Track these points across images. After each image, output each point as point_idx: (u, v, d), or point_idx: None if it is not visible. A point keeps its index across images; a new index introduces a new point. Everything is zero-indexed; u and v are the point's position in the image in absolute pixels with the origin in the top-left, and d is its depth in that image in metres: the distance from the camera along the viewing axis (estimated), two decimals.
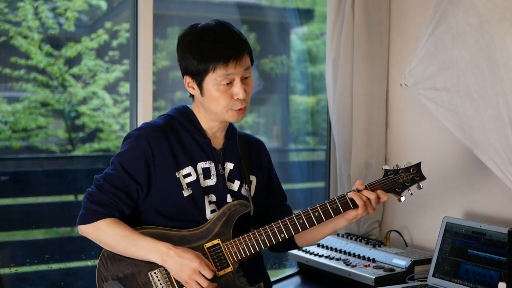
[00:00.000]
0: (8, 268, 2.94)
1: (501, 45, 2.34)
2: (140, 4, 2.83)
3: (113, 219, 2.03)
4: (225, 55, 2.01)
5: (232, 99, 2.05)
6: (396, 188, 2.16)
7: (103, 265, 2.05)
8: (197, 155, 2.10)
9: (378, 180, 2.16)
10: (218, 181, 2.12)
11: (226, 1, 3.59)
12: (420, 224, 2.97)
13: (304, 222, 2.08)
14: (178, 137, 2.09)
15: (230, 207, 2.09)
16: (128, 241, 2.00)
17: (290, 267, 3.27)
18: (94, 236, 2.04)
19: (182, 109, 2.17)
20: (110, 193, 2.03)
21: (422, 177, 2.20)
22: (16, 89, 3.07)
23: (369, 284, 2.53)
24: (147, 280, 2.03)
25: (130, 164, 2.04)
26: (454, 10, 2.52)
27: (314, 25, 3.80)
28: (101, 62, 3.25)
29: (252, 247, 2.07)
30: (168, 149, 2.06)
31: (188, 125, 2.12)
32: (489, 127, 2.41)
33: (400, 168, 2.18)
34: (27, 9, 3.04)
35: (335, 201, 2.10)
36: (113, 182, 2.03)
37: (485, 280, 2.33)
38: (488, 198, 2.67)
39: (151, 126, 2.09)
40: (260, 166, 2.27)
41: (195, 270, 1.98)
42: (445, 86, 2.59)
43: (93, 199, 2.04)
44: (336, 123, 3.11)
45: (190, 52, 2.04)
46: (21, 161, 3.13)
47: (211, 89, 2.04)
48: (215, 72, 2.01)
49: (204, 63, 2.02)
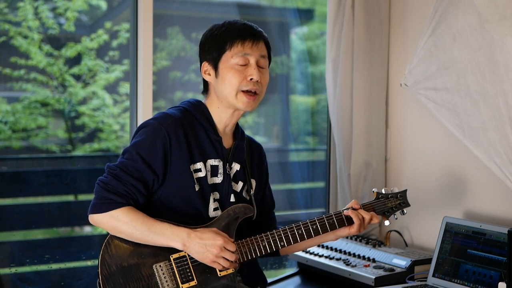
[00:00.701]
0: (8, 268, 2.94)
1: (501, 45, 2.34)
2: (140, 4, 2.83)
3: (130, 207, 2.00)
4: (242, 34, 2.08)
5: (245, 80, 2.07)
6: (385, 211, 2.28)
7: (107, 252, 2.02)
8: (209, 151, 2.11)
9: (370, 202, 2.27)
10: (224, 179, 2.14)
11: (226, 1, 3.59)
12: (420, 224, 2.97)
13: (303, 233, 2.13)
14: (194, 131, 2.10)
15: (235, 210, 2.10)
16: (146, 227, 1.98)
17: (290, 267, 3.27)
18: (109, 224, 2.00)
19: (196, 103, 2.17)
20: (128, 182, 2.00)
21: (407, 203, 2.32)
22: (16, 89, 3.06)
23: (369, 284, 2.53)
24: (151, 272, 2.02)
25: (148, 153, 2.02)
26: (454, 10, 2.52)
27: (314, 25, 3.80)
28: (101, 62, 3.25)
29: (253, 252, 2.09)
30: (185, 141, 2.06)
31: (203, 120, 2.12)
32: (489, 127, 2.41)
33: (389, 193, 2.30)
34: (27, 9, 3.04)
35: (332, 217, 2.18)
36: (130, 171, 2.01)
37: (485, 280, 2.33)
38: (488, 198, 2.66)
39: (170, 117, 2.08)
40: (260, 171, 2.30)
41: (221, 247, 1.99)
42: (445, 86, 2.59)
43: (109, 188, 2.00)
44: (336, 123, 3.11)
45: (211, 38, 2.11)
46: (21, 161, 3.13)
47: (226, 68, 2.08)
48: (231, 49, 2.07)
49: (222, 42, 2.08)
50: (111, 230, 2.02)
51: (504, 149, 2.37)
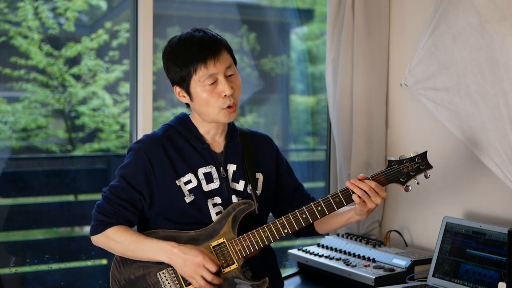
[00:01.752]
0: (8, 268, 2.94)
1: (501, 45, 2.34)
2: (140, 4, 2.83)
3: (120, 227, 2.12)
4: (202, 55, 2.07)
5: (220, 98, 2.09)
6: (400, 178, 2.14)
7: (116, 269, 2.14)
8: (196, 161, 2.16)
9: (382, 171, 2.15)
10: (221, 183, 2.17)
11: (226, 1, 3.59)
12: (420, 224, 2.97)
13: (307, 217, 2.12)
14: (176, 146, 2.16)
15: (234, 207, 2.14)
16: (135, 245, 2.08)
17: (290, 267, 3.27)
18: (104, 245, 2.14)
19: (181, 117, 2.24)
20: (116, 203, 2.11)
21: (428, 165, 2.16)
22: (16, 89, 3.07)
23: (369, 284, 2.53)
24: (156, 280, 2.11)
25: (131, 176, 2.13)
26: (454, 10, 2.52)
27: (314, 25, 3.80)
28: (101, 62, 3.25)
29: (256, 244, 2.12)
30: (166, 158, 2.13)
31: (186, 133, 2.18)
32: (489, 127, 2.41)
33: (404, 158, 2.16)
34: (27, 9, 3.04)
35: (338, 195, 2.12)
36: (117, 193, 2.12)
37: (485, 280, 2.33)
38: (488, 198, 2.66)
39: (150, 138, 2.17)
40: (266, 163, 2.30)
41: (199, 264, 2.05)
42: (445, 86, 2.59)
43: (100, 210, 2.13)
44: (336, 123, 3.11)
45: (172, 61, 2.12)
46: (21, 161, 3.14)
47: (198, 92, 2.10)
48: (197, 73, 2.08)
49: (185, 68, 2.09)
50: (109, 250, 2.15)
51: (504, 149, 2.37)
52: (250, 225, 2.18)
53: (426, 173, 2.17)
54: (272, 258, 2.30)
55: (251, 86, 3.59)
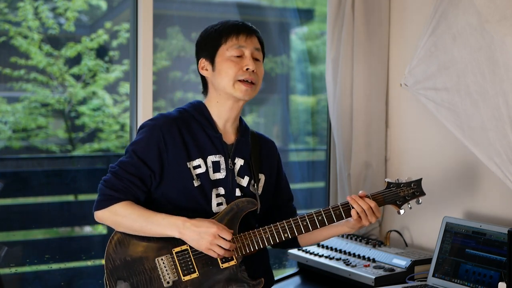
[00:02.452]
0: (8, 268, 2.94)
1: (501, 45, 2.34)
2: (140, 4, 2.83)
3: (128, 202, 2.09)
4: (236, 28, 2.18)
5: (241, 70, 2.15)
6: (397, 200, 2.24)
7: (112, 248, 2.10)
8: (208, 148, 2.17)
9: (381, 191, 2.24)
10: (227, 174, 2.18)
11: (226, 1, 3.59)
12: (420, 224, 2.97)
13: (308, 225, 2.15)
14: (191, 130, 2.17)
15: (238, 204, 2.15)
16: (144, 219, 2.06)
17: (290, 267, 3.27)
18: (110, 220, 2.10)
19: (197, 104, 2.25)
20: (125, 179, 2.09)
21: (422, 192, 2.28)
22: (16, 89, 3.06)
23: (369, 284, 2.53)
24: (154, 265, 2.09)
25: (143, 151, 2.11)
26: (454, 10, 2.52)
27: (314, 25, 3.80)
28: (101, 62, 3.25)
29: (256, 244, 2.13)
30: (180, 140, 2.14)
31: (201, 119, 2.19)
32: (489, 127, 2.41)
33: (402, 182, 2.26)
34: (27, 9, 3.04)
35: (339, 208, 2.18)
36: (127, 168, 2.10)
37: (485, 280, 2.33)
38: (488, 198, 2.66)
39: (165, 117, 2.17)
40: (269, 166, 2.33)
41: (214, 235, 2.04)
42: (445, 86, 2.59)
43: (108, 185, 2.10)
44: (336, 123, 3.11)
45: (206, 34, 2.23)
46: (21, 161, 3.13)
47: (222, 60, 2.16)
48: (227, 43, 2.16)
49: (217, 37, 2.18)
50: (113, 225, 2.11)
51: (504, 149, 2.37)
52: (250, 224, 2.19)
53: (418, 199, 2.28)
54: (266, 257, 2.30)
55: None
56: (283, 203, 2.39)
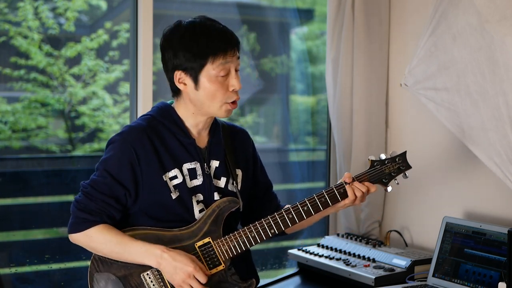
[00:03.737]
0: (8, 268, 2.94)
1: (501, 45, 2.34)
2: (140, 4, 2.83)
3: (104, 226, 2.02)
4: (223, 46, 2.02)
5: (228, 92, 2.05)
6: (382, 178, 2.17)
7: (94, 268, 2.06)
8: (182, 156, 2.09)
9: (365, 172, 2.18)
10: (204, 180, 2.11)
11: (226, 1, 3.59)
12: (420, 224, 2.97)
13: (294, 217, 2.09)
14: (162, 139, 2.07)
15: (219, 205, 2.08)
16: (121, 247, 2.00)
17: (290, 267, 3.27)
18: (86, 244, 2.05)
19: (163, 107, 2.14)
20: (99, 200, 2.01)
21: (407, 166, 2.20)
22: (16, 89, 3.06)
23: (369, 284, 2.53)
24: (140, 281, 2.03)
25: (116, 169, 2.02)
26: (454, 10, 2.52)
27: (314, 25, 3.80)
28: (101, 62, 3.25)
29: (243, 244, 2.07)
30: (153, 151, 2.05)
31: (171, 125, 2.09)
32: (489, 127, 2.41)
33: (386, 158, 2.19)
34: (27, 9, 3.04)
35: (323, 195, 2.11)
36: (100, 188, 2.02)
37: (485, 280, 2.33)
38: (488, 198, 2.66)
39: (134, 129, 2.06)
40: (245, 158, 2.26)
41: (189, 274, 1.98)
42: (445, 86, 2.58)
43: (82, 207, 2.02)
44: (336, 123, 3.11)
45: (185, 47, 2.03)
46: (21, 161, 3.13)
47: (208, 81, 2.02)
48: (214, 62, 2.01)
49: (202, 56, 2.01)
50: (89, 249, 2.06)
51: (504, 149, 2.37)
52: (231, 224, 2.14)
53: (405, 174, 2.20)
54: (249, 256, 2.25)
55: (251, 86, 3.59)
56: (263, 192, 2.31)
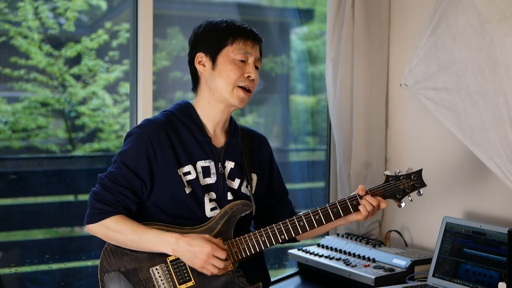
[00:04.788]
0: (8, 268, 2.94)
1: (501, 45, 2.34)
2: (140, 4, 2.83)
3: (120, 216, 2.05)
4: (244, 32, 2.12)
5: (242, 76, 2.11)
6: (396, 194, 2.20)
7: (105, 259, 2.08)
8: (197, 153, 2.12)
9: (379, 186, 2.19)
10: (218, 179, 2.14)
11: (226, 1, 3.59)
12: (420, 224, 2.97)
13: (305, 225, 2.12)
14: (179, 135, 2.12)
15: (232, 207, 2.11)
16: (136, 235, 2.02)
17: (290, 267, 3.27)
18: (103, 234, 2.07)
19: (184, 105, 2.20)
20: (116, 191, 2.05)
21: (422, 184, 2.23)
22: (16, 89, 3.07)
23: (369, 284, 2.53)
24: (148, 275, 2.05)
25: (133, 162, 2.06)
26: (454, 10, 2.52)
27: (314, 25, 3.80)
28: (101, 62, 3.25)
29: (252, 248, 2.09)
30: (169, 146, 2.09)
31: (189, 122, 2.14)
32: (489, 127, 2.41)
33: (401, 174, 2.21)
34: (27, 9, 3.04)
35: (336, 205, 2.14)
36: (117, 180, 2.06)
37: (485, 280, 2.33)
38: (488, 198, 2.66)
39: (152, 123, 2.11)
40: (261, 163, 2.29)
41: (208, 254, 2.00)
42: (445, 86, 2.59)
43: (99, 198, 2.06)
44: (336, 123, 3.11)
45: (211, 31, 2.13)
46: (21, 161, 3.13)
47: (226, 61, 2.10)
48: (233, 45, 2.10)
49: (224, 36, 2.11)
50: (105, 239, 2.08)
51: (504, 149, 2.37)
52: (244, 226, 2.16)
53: (419, 191, 2.23)
54: (262, 260, 2.27)
55: None
56: (278, 199, 2.35)
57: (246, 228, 2.16)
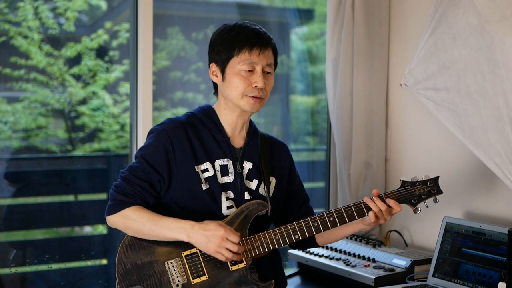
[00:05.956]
0: (8, 268, 2.94)
1: (501, 45, 2.34)
2: (140, 4, 2.83)
3: (138, 206, 2.11)
4: (250, 41, 2.13)
5: (250, 86, 2.13)
6: (412, 199, 2.21)
7: (123, 252, 2.13)
8: (216, 152, 2.18)
9: (395, 190, 2.21)
10: (235, 178, 2.19)
11: (226, 1, 3.59)
12: (420, 224, 2.97)
13: (319, 226, 2.15)
14: (198, 134, 2.18)
15: (248, 206, 2.15)
16: (153, 223, 2.08)
17: (290, 267, 3.27)
18: (121, 224, 2.12)
19: (206, 107, 2.26)
20: (135, 183, 2.11)
21: (439, 191, 2.24)
22: (16, 89, 3.07)
23: (369, 284, 2.53)
24: (164, 269, 2.11)
25: (152, 156, 2.13)
26: (454, 10, 2.52)
27: (314, 25, 3.80)
28: (101, 62, 3.25)
29: (266, 246, 2.13)
30: (188, 144, 2.15)
31: (209, 123, 2.20)
32: (489, 127, 2.41)
33: (417, 180, 2.23)
34: (27, 9, 3.04)
35: (350, 208, 2.17)
36: (136, 173, 2.12)
37: (485, 280, 2.33)
38: (488, 198, 2.66)
39: (173, 122, 2.19)
40: (280, 169, 2.33)
41: (222, 237, 2.04)
42: (445, 86, 2.59)
43: (119, 190, 2.13)
44: (336, 123, 3.11)
45: (220, 39, 2.17)
46: (21, 161, 3.13)
47: (232, 73, 2.14)
48: (239, 55, 2.12)
49: (231, 47, 2.14)
50: (124, 229, 2.14)
51: (504, 149, 2.37)
52: (261, 226, 2.20)
53: (436, 198, 2.23)
54: (277, 259, 2.30)
55: None
56: (297, 206, 2.38)
57: (263, 229, 2.19)
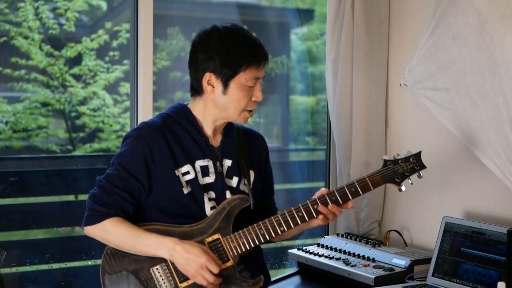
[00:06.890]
0: (8, 268, 2.95)
1: (500, 45, 2.34)
2: (140, 4, 2.83)
3: (118, 218, 2.06)
4: (259, 58, 2.10)
5: (251, 101, 2.12)
6: (395, 178, 2.19)
7: (106, 262, 2.09)
8: (195, 153, 2.14)
9: (377, 171, 2.19)
10: (216, 178, 2.15)
11: (226, 1, 3.59)
12: (420, 224, 2.97)
13: (303, 215, 2.13)
14: (176, 136, 2.12)
15: (230, 202, 2.12)
16: (134, 239, 2.04)
17: (290, 267, 3.27)
18: (100, 236, 2.08)
19: (180, 107, 2.20)
20: (113, 193, 2.06)
21: (422, 166, 2.20)
22: (17, 89, 3.07)
23: (369, 284, 2.53)
24: (149, 276, 2.07)
25: (130, 164, 2.07)
26: (454, 10, 2.52)
27: (314, 25, 3.80)
28: (101, 62, 3.25)
29: (252, 241, 2.10)
30: (166, 147, 2.09)
31: (186, 124, 2.15)
32: (488, 127, 2.41)
33: (399, 158, 2.20)
34: (28, 9, 3.05)
35: (334, 193, 2.15)
36: (115, 182, 2.06)
37: (484, 280, 2.34)
38: (487, 198, 2.67)
39: (149, 126, 2.12)
40: (258, 161, 2.30)
41: (202, 265, 2.01)
42: (445, 86, 2.59)
43: (97, 200, 2.06)
44: (336, 123, 3.11)
45: (222, 52, 2.07)
46: (21, 161, 3.14)
47: (237, 89, 2.09)
48: (246, 71, 2.08)
49: (238, 62, 2.07)
50: (103, 241, 2.09)
51: (503, 149, 2.37)
52: (242, 222, 2.16)
53: (419, 173, 2.20)
54: (260, 255, 2.28)
55: None
56: (268, 196, 2.36)
57: (245, 225, 2.16)
